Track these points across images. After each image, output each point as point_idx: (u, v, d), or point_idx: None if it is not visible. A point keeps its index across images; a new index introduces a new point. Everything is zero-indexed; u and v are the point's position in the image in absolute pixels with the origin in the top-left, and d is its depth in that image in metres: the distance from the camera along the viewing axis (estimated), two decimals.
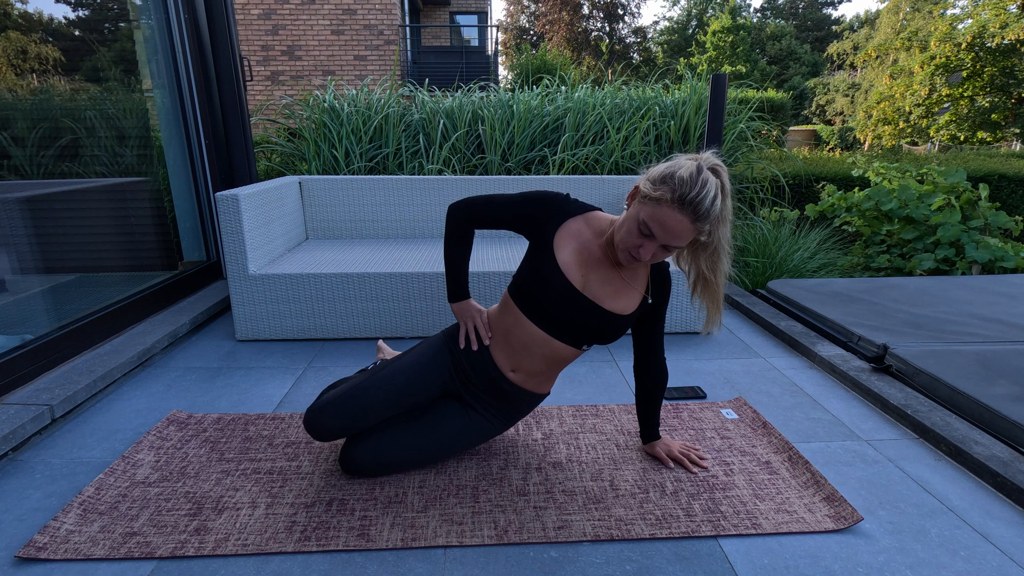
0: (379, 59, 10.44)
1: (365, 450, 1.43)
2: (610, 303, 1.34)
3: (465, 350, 1.47)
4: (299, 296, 2.38)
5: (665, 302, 1.43)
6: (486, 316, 1.49)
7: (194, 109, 2.97)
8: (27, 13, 2.42)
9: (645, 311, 1.41)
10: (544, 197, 1.36)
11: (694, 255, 1.27)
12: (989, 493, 1.44)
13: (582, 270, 1.33)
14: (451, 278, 1.49)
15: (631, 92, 4.09)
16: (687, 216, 1.15)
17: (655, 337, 1.46)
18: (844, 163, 6.55)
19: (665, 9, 57.78)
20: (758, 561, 1.21)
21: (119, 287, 2.52)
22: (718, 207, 1.16)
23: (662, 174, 1.18)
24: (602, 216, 1.38)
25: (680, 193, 1.14)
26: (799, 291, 2.83)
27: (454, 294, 1.51)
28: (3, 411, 1.67)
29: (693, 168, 1.16)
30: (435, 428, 1.45)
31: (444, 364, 1.48)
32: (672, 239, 1.18)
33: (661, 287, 1.41)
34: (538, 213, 1.35)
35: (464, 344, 1.47)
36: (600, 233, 1.35)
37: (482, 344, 1.46)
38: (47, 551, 1.20)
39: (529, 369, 1.43)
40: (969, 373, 1.87)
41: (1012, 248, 3.79)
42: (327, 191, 3.00)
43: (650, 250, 1.21)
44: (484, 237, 3.09)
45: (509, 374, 1.44)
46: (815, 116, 28.01)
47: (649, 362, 1.48)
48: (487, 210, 1.40)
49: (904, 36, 14.41)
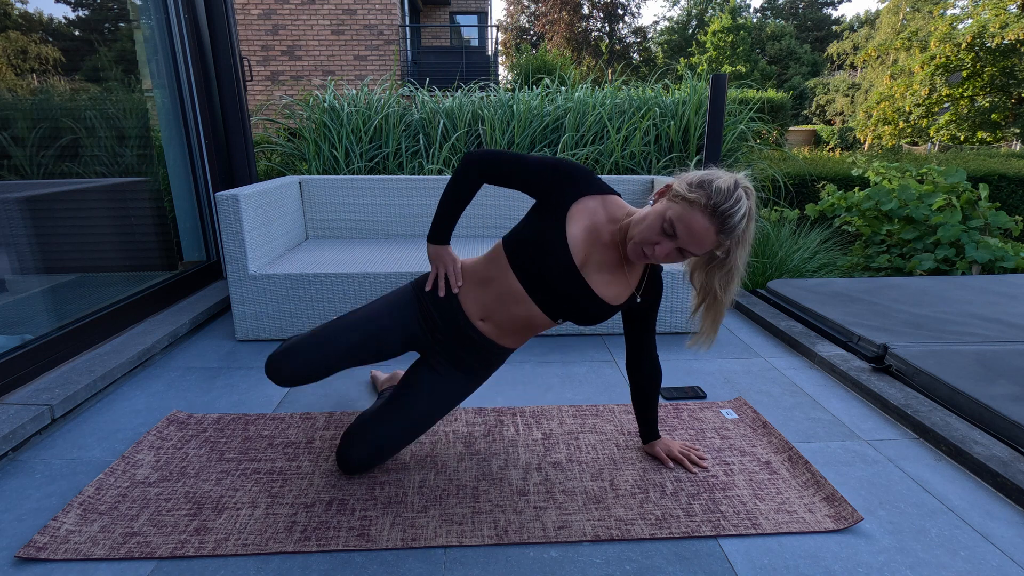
0: (379, 59, 10.44)
1: (359, 446, 1.44)
2: (601, 288, 1.33)
3: (432, 295, 1.45)
4: (299, 296, 2.38)
5: (657, 302, 1.44)
6: (459, 265, 1.46)
7: (194, 109, 2.97)
8: (27, 13, 2.42)
9: (631, 307, 1.42)
10: (571, 169, 1.33)
11: (710, 272, 1.25)
12: (989, 493, 1.44)
13: (586, 249, 1.32)
14: (440, 219, 1.41)
15: (631, 92, 4.09)
16: (715, 225, 1.15)
17: (647, 335, 1.47)
18: (844, 163, 6.55)
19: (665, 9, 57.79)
20: (758, 561, 1.21)
21: (119, 287, 2.52)
22: (743, 226, 1.17)
23: (700, 179, 1.18)
24: (620, 203, 1.36)
25: (715, 201, 1.14)
26: (799, 291, 2.83)
27: (436, 236, 1.43)
28: (3, 411, 1.67)
29: (731, 182, 1.16)
30: (412, 405, 1.45)
31: (412, 313, 1.46)
32: (693, 244, 1.18)
33: (652, 288, 1.41)
34: (563, 183, 1.32)
35: (431, 288, 1.45)
36: (613, 219, 1.33)
37: (450, 291, 1.44)
38: (47, 551, 1.20)
39: (499, 322, 1.41)
40: (969, 373, 1.87)
41: (1012, 248, 3.79)
42: (327, 191, 3.00)
43: (666, 250, 1.20)
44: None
45: (477, 323, 1.42)
46: (815, 116, 28.01)
47: (642, 360, 1.48)
48: (509, 169, 1.33)
49: (904, 36, 14.42)
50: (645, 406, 1.55)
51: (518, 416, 1.80)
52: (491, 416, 1.80)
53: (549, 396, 1.96)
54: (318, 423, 1.75)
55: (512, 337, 1.46)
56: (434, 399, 1.47)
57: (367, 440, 1.44)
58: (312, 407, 1.87)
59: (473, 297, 1.42)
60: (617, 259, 1.35)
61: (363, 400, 1.92)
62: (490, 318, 1.42)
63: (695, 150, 3.78)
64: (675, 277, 2.46)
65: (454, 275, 1.44)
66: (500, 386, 2.03)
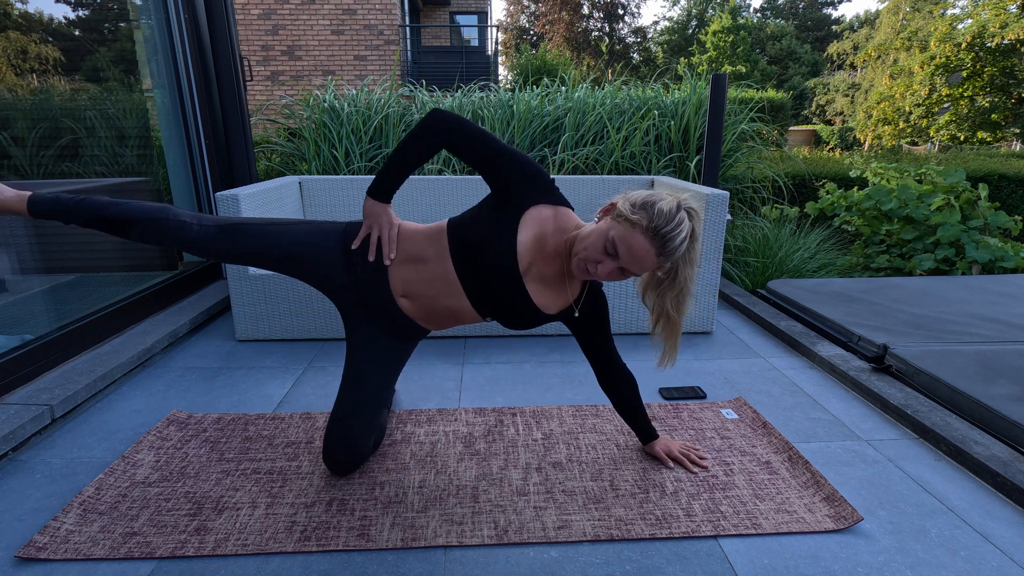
0: (379, 59, 10.44)
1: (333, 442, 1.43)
2: (537, 297, 1.32)
3: (359, 254, 1.38)
4: (299, 296, 2.38)
5: (604, 315, 1.43)
6: (396, 231, 1.37)
7: (194, 109, 2.97)
8: (27, 13, 2.42)
9: (574, 322, 1.41)
10: (536, 173, 1.30)
11: (660, 294, 1.27)
12: (989, 493, 1.44)
13: (531, 257, 1.29)
14: (386, 172, 1.32)
15: (631, 92, 4.09)
16: (655, 248, 1.16)
17: (603, 345, 1.46)
18: (843, 163, 6.56)
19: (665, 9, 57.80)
20: (758, 561, 1.21)
21: (119, 287, 2.52)
22: (684, 248, 1.18)
23: (644, 200, 1.19)
24: (571, 215, 1.34)
25: (656, 224, 1.15)
26: (799, 291, 2.83)
27: (378, 191, 1.34)
28: (3, 411, 1.67)
29: (673, 205, 1.18)
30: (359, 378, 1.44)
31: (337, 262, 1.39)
32: (634, 265, 1.19)
33: (592, 303, 1.40)
34: (526, 184, 1.29)
35: (358, 245, 1.37)
36: (562, 231, 1.31)
37: (380, 257, 1.36)
38: (47, 551, 1.20)
39: (422, 304, 1.38)
40: (969, 373, 1.87)
41: (1012, 248, 3.80)
42: (327, 191, 3.00)
43: (607, 269, 1.20)
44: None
45: (399, 298, 1.38)
46: (815, 116, 28.01)
47: (608, 371, 1.49)
48: (478, 143, 1.26)
49: (904, 36, 14.41)
50: (631, 414, 1.55)
51: (518, 416, 1.80)
52: (491, 416, 1.80)
53: (549, 396, 1.96)
54: (318, 423, 1.75)
55: (433, 321, 1.43)
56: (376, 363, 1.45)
57: (337, 432, 1.42)
58: (312, 407, 1.88)
59: (400, 272, 1.37)
60: (559, 270, 1.34)
61: None
62: (413, 298, 1.38)
63: (695, 150, 3.78)
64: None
65: (388, 242, 1.35)
66: (500, 386, 2.03)
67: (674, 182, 2.79)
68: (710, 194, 2.37)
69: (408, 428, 1.73)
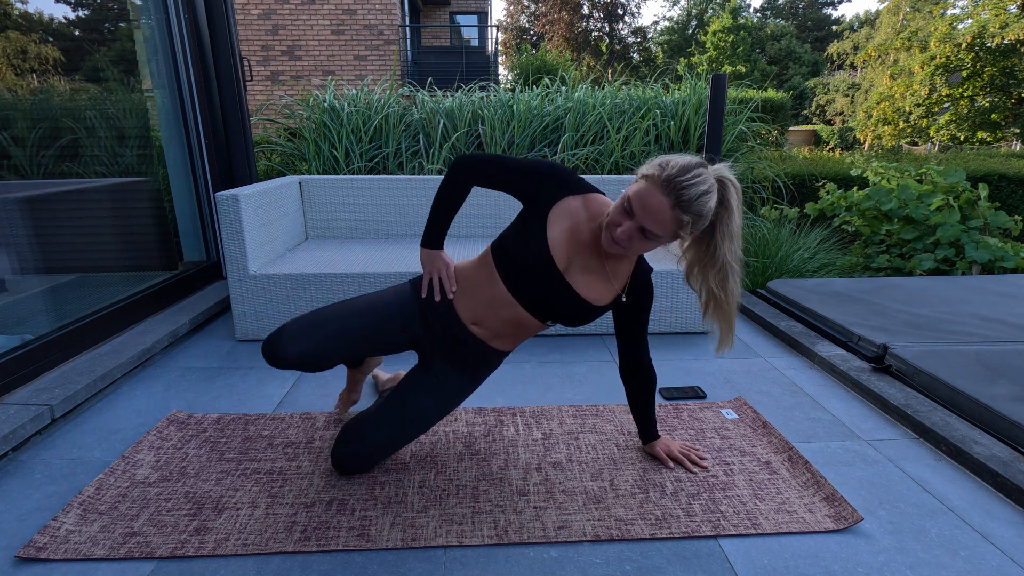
0: (379, 59, 10.44)
1: (354, 445, 1.44)
2: (584, 290, 1.33)
3: (428, 299, 1.45)
4: (299, 296, 2.38)
5: (646, 307, 1.43)
6: (453, 269, 1.46)
7: (194, 109, 2.97)
8: (27, 13, 2.42)
9: (619, 308, 1.42)
10: (551, 171, 1.33)
11: (703, 272, 1.25)
12: (989, 493, 1.44)
13: (568, 251, 1.31)
14: (432, 223, 1.43)
15: (631, 92, 4.09)
16: (669, 200, 1.14)
17: (639, 339, 1.46)
18: (844, 163, 6.55)
19: (665, 9, 57.78)
20: (758, 561, 1.21)
21: (119, 287, 2.52)
22: (706, 204, 1.14)
23: (663, 158, 1.19)
24: (602, 200, 1.35)
25: (668, 175, 1.14)
26: (799, 291, 2.83)
27: (429, 240, 1.44)
28: (3, 411, 1.67)
29: (693, 160, 1.17)
30: (410, 406, 1.45)
31: (411, 312, 1.45)
32: (649, 220, 1.16)
33: (639, 289, 1.40)
34: (544, 186, 1.32)
35: (426, 293, 1.45)
36: (595, 217, 1.32)
37: (445, 296, 1.44)
38: (47, 551, 1.20)
39: (490, 326, 1.42)
40: (969, 373, 1.87)
41: (1012, 248, 3.79)
42: (327, 191, 3.00)
43: (627, 230, 1.19)
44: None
45: (471, 326, 1.43)
46: (815, 116, 28.00)
47: (634, 363, 1.49)
48: (494, 171, 1.34)
49: (904, 36, 14.42)
50: (643, 407, 1.55)
51: (518, 416, 1.80)
52: (491, 416, 1.80)
53: (549, 396, 1.96)
54: (318, 423, 1.75)
55: (505, 339, 1.46)
56: (432, 400, 1.47)
57: (363, 441, 1.44)
58: (312, 407, 1.88)
59: (465, 302, 1.43)
60: (600, 259, 1.34)
61: (363, 400, 1.92)
62: (482, 322, 1.43)
63: (695, 150, 3.78)
64: (674, 277, 2.46)
65: (448, 279, 1.44)
66: (500, 386, 2.03)
67: None
68: None
69: None
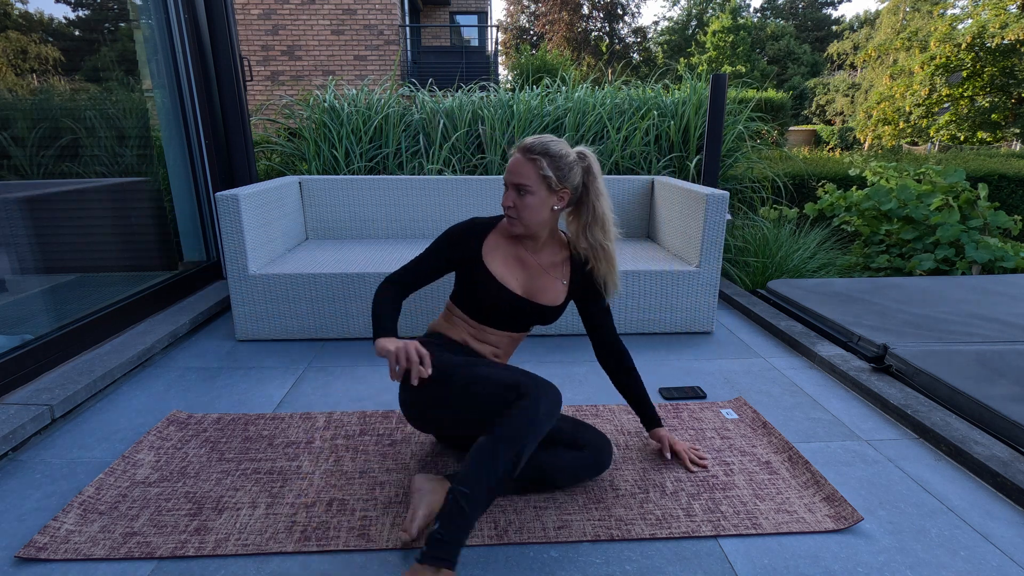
0: (379, 59, 10.44)
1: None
2: (542, 297, 1.48)
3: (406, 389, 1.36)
4: (299, 296, 2.38)
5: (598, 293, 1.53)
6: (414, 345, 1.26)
7: (194, 109, 2.97)
8: (27, 13, 2.42)
9: (574, 297, 1.55)
10: (455, 232, 1.47)
11: (589, 230, 1.43)
12: (989, 493, 1.44)
13: (514, 273, 1.47)
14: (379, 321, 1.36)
15: (631, 92, 4.09)
16: (521, 154, 1.38)
17: (602, 323, 1.55)
18: (843, 163, 6.55)
19: (665, 9, 57.77)
20: (758, 561, 1.21)
21: (119, 287, 2.52)
22: (552, 147, 1.36)
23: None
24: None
25: (519, 143, 1.40)
26: (799, 291, 2.83)
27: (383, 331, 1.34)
28: (3, 411, 1.67)
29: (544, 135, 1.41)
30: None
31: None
32: (513, 176, 1.38)
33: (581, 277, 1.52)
34: (457, 246, 1.46)
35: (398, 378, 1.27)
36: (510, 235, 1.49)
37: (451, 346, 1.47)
38: (47, 551, 1.20)
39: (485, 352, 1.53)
40: (969, 373, 1.87)
41: (1012, 248, 3.80)
42: (327, 191, 3.00)
43: (508, 197, 1.39)
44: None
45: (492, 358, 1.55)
46: (815, 116, 28.00)
47: (605, 345, 1.57)
48: (414, 271, 1.47)
49: (904, 36, 14.42)
50: (637, 394, 1.56)
51: None
52: None
53: None
54: (318, 423, 1.75)
55: (505, 355, 1.57)
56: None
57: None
58: (312, 407, 1.88)
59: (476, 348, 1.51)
60: (536, 264, 1.48)
61: (363, 399, 1.92)
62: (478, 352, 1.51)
63: (695, 150, 3.78)
64: (673, 277, 2.46)
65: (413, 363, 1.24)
66: None
67: (674, 182, 2.79)
68: (710, 194, 2.37)
69: (408, 428, 1.73)
